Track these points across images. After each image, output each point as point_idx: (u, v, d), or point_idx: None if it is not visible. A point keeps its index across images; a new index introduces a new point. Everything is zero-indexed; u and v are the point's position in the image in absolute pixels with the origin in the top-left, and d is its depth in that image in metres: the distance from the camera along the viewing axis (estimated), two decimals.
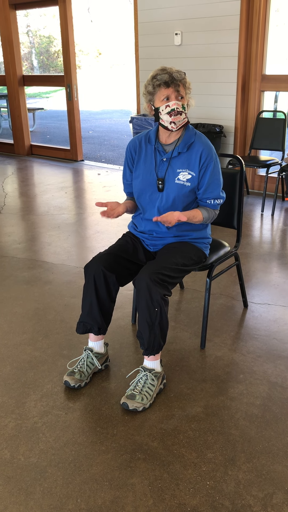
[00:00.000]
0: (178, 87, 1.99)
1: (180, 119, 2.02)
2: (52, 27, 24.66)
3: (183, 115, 2.02)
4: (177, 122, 2.03)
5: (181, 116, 2.02)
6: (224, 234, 3.97)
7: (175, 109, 1.99)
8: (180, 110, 2.00)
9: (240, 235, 2.61)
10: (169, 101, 2.00)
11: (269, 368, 2.26)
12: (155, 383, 2.05)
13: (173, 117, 2.01)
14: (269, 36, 4.81)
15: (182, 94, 2.01)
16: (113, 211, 2.12)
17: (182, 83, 2.00)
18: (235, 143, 5.17)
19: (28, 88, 19.98)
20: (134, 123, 5.51)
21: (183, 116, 2.03)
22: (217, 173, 2.14)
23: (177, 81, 1.98)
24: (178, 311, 2.80)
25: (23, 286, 3.13)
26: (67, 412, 2.01)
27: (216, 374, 2.23)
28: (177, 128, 2.05)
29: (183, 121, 2.05)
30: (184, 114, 2.03)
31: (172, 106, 1.99)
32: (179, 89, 1.99)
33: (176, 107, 1.99)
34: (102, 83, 23.15)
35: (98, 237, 3.98)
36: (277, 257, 3.52)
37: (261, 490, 1.63)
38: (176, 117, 2.01)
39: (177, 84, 1.98)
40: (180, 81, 1.99)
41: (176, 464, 1.74)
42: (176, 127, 2.04)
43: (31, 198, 5.16)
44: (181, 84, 2.00)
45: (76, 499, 1.61)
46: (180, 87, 2.00)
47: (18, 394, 2.12)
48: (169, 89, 1.99)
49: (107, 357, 2.29)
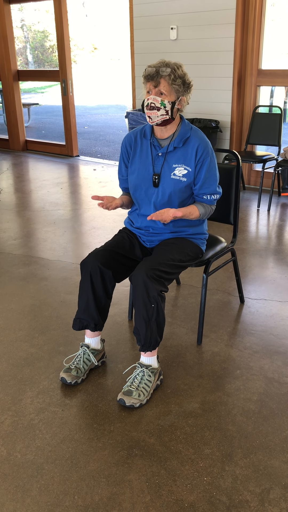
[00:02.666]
0: (159, 83, 1.96)
1: (157, 114, 2.00)
2: (47, 22, 24.50)
3: (161, 111, 1.99)
4: (153, 117, 2.01)
5: (158, 112, 1.99)
6: (221, 229, 3.96)
7: (149, 104, 1.99)
8: (157, 106, 1.98)
9: (236, 231, 2.61)
10: (149, 95, 2.00)
11: (265, 364, 2.26)
12: (152, 379, 2.05)
13: (148, 111, 2.00)
14: (265, 31, 4.79)
15: (164, 90, 1.97)
16: (111, 202, 2.11)
17: (166, 79, 1.95)
18: (231, 138, 5.16)
19: (23, 83, 19.87)
20: (130, 118, 5.49)
21: (161, 113, 1.99)
22: (213, 168, 2.13)
23: (159, 77, 1.95)
24: (175, 307, 2.80)
25: (19, 283, 3.12)
26: (63, 408, 2.00)
27: (213, 370, 2.23)
28: (153, 123, 2.03)
29: (162, 117, 2.01)
30: (164, 111, 1.99)
31: (149, 100, 1.99)
32: (159, 85, 1.97)
33: (151, 102, 1.98)
34: (98, 78, 23.05)
35: (94, 233, 3.97)
36: (274, 252, 3.52)
37: (258, 485, 1.64)
38: (152, 112, 1.99)
39: (158, 80, 1.96)
40: (163, 77, 1.95)
41: (173, 460, 1.74)
42: (152, 121, 2.03)
43: (27, 194, 5.14)
44: (164, 80, 1.96)
45: (73, 496, 1.61)
46: (161, 84, 1.96)
47: (14, 391, 2.11)
48: (149, 84, 1.99)
49: (104, 354, 2.28)
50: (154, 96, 1.98)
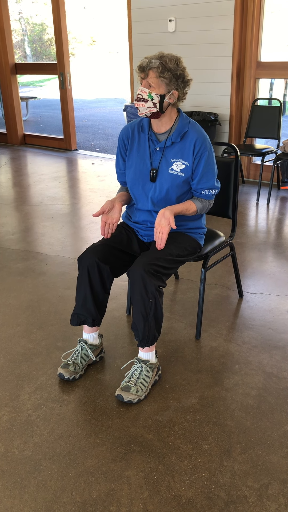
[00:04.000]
0: (147, 75, 1.95)
1: (145, 106, 1.98)
2: (45, 14, 24.33)
3: (148, 103, 1.97)
4: (141, 108, 2.00)
5: (145, 104, 1.97)
6: (219, 223, 3.95)
7: (137, 95, 1.99)
8: (145, 97, 1.96)
9: (235, 225, 2.59)
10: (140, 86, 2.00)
11: (264, 358, 2.25)
12: (150, 374, 2.04)
13: (136, 102, 2.00)
14: (264, 23, 4.75)
15: (152, 83, 1.95)
16: (112, 223, 2.12)
17: (154, 71, 1.93)
18: (230, 131, 5.13)
19: (21, 76, 19.75)
20: (128, 111, 5.45)
21: (149, 105, 1.97)
22: (211, 162, 2.11)
23: (148, 69, 1.94)
24: (173, 301, 2.79)
25: (16, 278, 3.10)
26: (61, 404, 1.99)
27: (212, 364, 2.22)
28: (141, 114, 2.02)
29: (149, 110, 1.99)
30: (152, 103, 1.97)
31: (137, 91, 1.99)
32: (147, 76, 1.95)
33: (139, 94, 1.98)
34: (96, 71, 22.93)
35: (92, 227, 3.95)
36: (273, 246, 3.51)
37: (256, 481, 1.63)
38: (139, 103, 1.99)
39: (146, 72, 1.95)
40: (152, 69, 1.93)
41: (172, 456, 1.73)
42: (140, 113, 2.02)
43: (25, 188, 5.12)
44: (153, 72, 1.94)
45: (71, 492, 1.60)
46: (150, 76, 1.95)
47: (12, 386, 2.11)
48: (140, 75, 1.98)
49: (102, 349, 2.27)
50: (143, 88, 1.97)
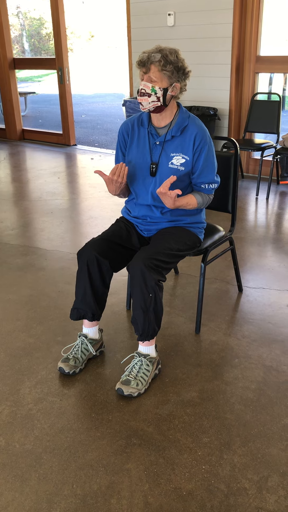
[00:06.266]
0: (149, 69, 1.94)
1: (148, 101, 1.97)
2: (43, 9, 24.20)
3: (152, 97, 1.96)
4: (144, 103, 1.99)
5: (148, 98, 1.97)
6: (219, 218, 3.95)
7: (139, 89, 1.98)
8: (148, 92, 1.96)
9: (234, 219, 2.59)
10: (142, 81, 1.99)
11: (264, 352, 2.26)
12: (150, 368, 2.05)
13: (139, 97, 1.99)
14: (263, 17, 4.73)
15: (154, 77, 1.95)
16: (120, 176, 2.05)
17: (156, 65, 1.92)
18: (230, 126, 5.12)
19: (19, 72, 19.67)
20: (127, 106, 5.44)
21: (152, 99, 1.97)
22: (211, 157, 2.11)
23: (149, 63, 1.93)
24: (173, 296, 2.79)
25: (16, 273, 3.11)
26: (62, 398, 2.00)
27: (211, 358, 2.23)
28: (145, 109, 2.02)
29: (153, 104, 1.98)
30: (155, 97, 1.97)
31: (140, 86, 1.99)
32: (149, 71, 1.94)
33: (142, 88, 1.97)
34: (95, 66, 22.84)
35: (91, 222, 3.95)
36: (272, 241, 3.51)
37: (256, 473, 1.64)
38: (143, 98, 1.98)
39: (148, 67, 1.94)
40: (153, 63, 1.92)
41: (172, 449, 1.74)
42: (144, 108, 2.01)
43: (24, 183, 5.11)
44: (155, 66, 1.93)
45: (72, 485, 1.61)
46: (152, 70, 1.94)
47: (12, 381, 2.11)
48: (141, 70, 1.98)
49: (102, 343, 2.28)
50: (145, 82, 1.96)
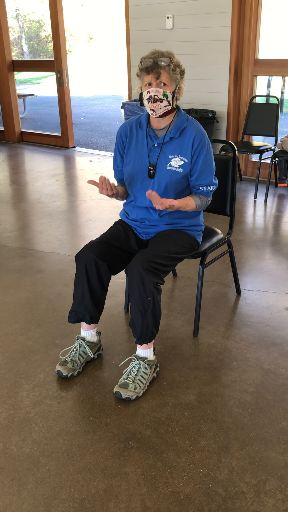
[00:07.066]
0: (160, 74, 1.93)
1: (160, 106, 1.97)
2: (42, 11, 24.24)
3: (164, 102, 1.96)
4: (156, 109, 1.98)
5: (161, 104, 1.96)
6: (217, 221, 3.95)
7: (152, 96, 1.95)
8: (160, 97, 1.95)
9: (233, 222, 2.59)
10: (150, 87, 1.96)
11: (262, 355, 2.26)
12: (148, 371, 2.05)
13: (151, 104, 1.97)
14: (262, 20, 4.74)
15: (165, 81, 1.95)
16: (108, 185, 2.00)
17: (166, 70, 1.93)
18: (228, 129, 5.13)
19: (18, 74, 19.68)
20: (126, 108, 5.45)
21: (164, 104, 1.97)
22: (209, 159, 2.11)
23: (159, 68, 1.93)
24: (171, 299, 2.79)
25: (14, 275, 3.10)
26: (59, 401, 2.00)
27: (209, 361, 2.23)
28: (157, 115, 2.01)
29: (165, 109, 1.99)
30: (167, 102, 1.97)
31: (151, 93, 1.95)
32: (160, 76, 1.94)
33: (154, 95, 1.95)
34: (94, 68, 22.87)
35: (90, 225, 3.95)
36: (270, 243, 3.51)
37: (254, 477, 1.64)
38: (155, 105, 1.96)
39: (158, 71, 1.93)
40: (163, 68, 1.93)
41: (170, 452, 1.74)
42: (155, 114, 2.00)
43: (22, 185, 5.11)
44: (165, 71, 1.93)
45: (70, 489, 1.61)
46: (162, 75, 1.93)
47: (10, 384, 2.11)
48: (149, 76, 1.95)
49: (100, 346, 2.28)
50: (156, 88, 1.95)
